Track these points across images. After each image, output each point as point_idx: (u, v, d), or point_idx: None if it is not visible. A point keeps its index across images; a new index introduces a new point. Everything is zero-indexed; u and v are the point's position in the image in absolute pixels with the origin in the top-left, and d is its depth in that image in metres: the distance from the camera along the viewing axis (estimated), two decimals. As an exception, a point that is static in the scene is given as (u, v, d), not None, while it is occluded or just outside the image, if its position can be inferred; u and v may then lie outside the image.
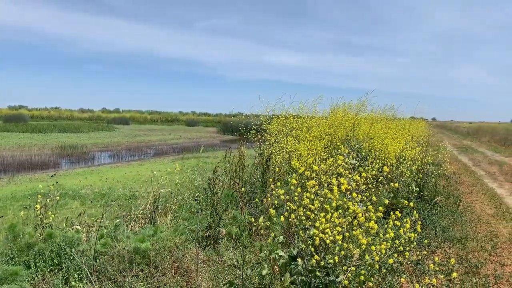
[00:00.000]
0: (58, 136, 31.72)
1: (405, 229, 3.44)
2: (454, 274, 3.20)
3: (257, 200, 4.60)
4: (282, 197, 3.48)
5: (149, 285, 3.94)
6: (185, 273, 4.21)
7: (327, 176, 4.65)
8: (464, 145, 28.94)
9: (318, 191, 3.50)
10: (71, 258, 4.08)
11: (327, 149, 7.91)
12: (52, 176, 11.21)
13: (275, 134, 8.73)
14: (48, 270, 4.03)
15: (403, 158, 8.08)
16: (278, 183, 4.46)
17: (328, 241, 3.15)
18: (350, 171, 6.51)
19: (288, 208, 3.48)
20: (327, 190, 3.39)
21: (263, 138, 8.57)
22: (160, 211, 5.52)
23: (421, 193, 8.15)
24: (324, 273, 3.45)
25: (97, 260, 4.16)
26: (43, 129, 36.68)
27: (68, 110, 75.53)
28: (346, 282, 3.20)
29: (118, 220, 4.89)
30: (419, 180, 8.15)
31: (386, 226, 3.48)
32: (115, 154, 24.09)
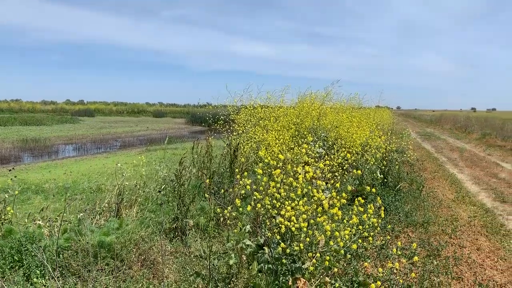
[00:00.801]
0: (19, 129, 30.56)
1: (368, 215, 3.52)
2: (415, 258, 3.32)
3: (222, 190, 4.60)
4: (248, 187, 3.49)
5: (115, 279, 3.88)
6: (152, 265, 4.17)
7: (293, 165, 4.69)
8: (427, 132, 29.85)
9: (284, 180, 3.53)
10: (33, 254, 3.96)
11: (294, 138, 7.97)
12: (10, 170, 10.80)
13: (243, 124, 8.72)
14: (8, 267, 3.90)
15: (368, 146, 8.25)
16: (245, 173, 4.47)
17: (293, 229, 3.19)
18: (317, 159, 6.62)
19: (255, 197, 3.49)
20: (292, 179, 3.42)
21: (231, 128, 8.54)
22: (125, 204, 5.43)
23: (386, 180, 8.36)
24: (291, 260, 3.49)
25: (60, 256, 4.05)
26: (2, 122, 35.22)
27: (30, 102, 72.66)
28: (312, 268, 3.26)
29: (81, 214, 4.78)
30: (383, 167, 8.34)
31: (351, 212, 3.56)
32: (80, 147, 23.47)
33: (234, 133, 8.21)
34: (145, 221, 5.03)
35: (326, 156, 7.30)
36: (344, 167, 6.81)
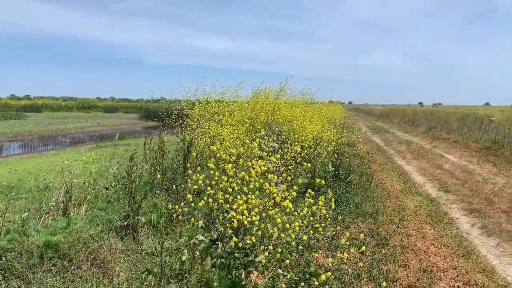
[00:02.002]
0: (-43, 126, 28.68)
1: (319, 207, 3.60)
2: (363, 248, 3.44)
3: (174, 186, 4.54)
4: (200, 181, 3.47)
5: (62, 280, 3.75)
6: (101, 264, 4.05)
7: (246, 159, 4.71)
8: (377, 126, 30.92)
9: (237, 174, 3.53)
10: (-29, 258, 3.74)
11: (249, 133, 8.00)
12: None
13: (197, 119, 8.64)
14: None
15: (320, 139, 8.43)
16: (198, 168, 4.43)
17: (245, 222, 3.21)
18: (271, 153, 6.68)
19: (209, 192, 3.47)
20: (244, 173, 3.44)
21: (185, 123, 8.44)
22: (74, 202, 5.24)
23: (337, 172, 8.59)
24: (244, 254, 3.51)
25: (3, 258, 3.85)
26: None
27: (-30, 98, 68.34)
28: (264, 261, 3.29)
29: (26, 214, 4.56)
30: (335, 160, 8.56)
31: (302, 204, 3.63)
32: (26, 144, 22.35)
33: (188, 128, 8.12)
34: (95, 219, 4.88)
35: (280, 150, 7.39)
36: (297, 161, 6.93)
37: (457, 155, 14.11)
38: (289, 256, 3.74)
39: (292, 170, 6.74)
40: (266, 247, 3.45)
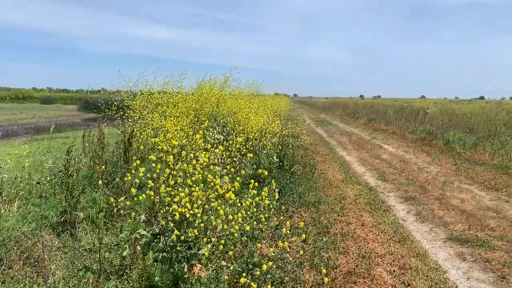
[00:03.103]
0: None
1: (262, 198, 3.63)
2: (303, 236, 3.51)
3: (117, 179, 4.39)
4: (141, 174, 3.37)
5: (-9, 282, 3.51)
6: (35, 263, 3.84)
7: (190, 151, 4.64)
8: (321, 118, 31.71)
9: (178, 167, 3.47)
10: None
11: (194, 125, 7.90)
12: None
13: (139, 111, 8.40)
14: None
15: (265, 131, 8.51)
16: (138, 161, 4.31)
17: (188, 215, 3.17)
18: (216, 145, 6.64)
19: (150, 186, 3.39)
20: (186, 165, 3.39)
21: (126, 115, 8.18)
22: (5, 198, 4.91)
23: (282, 163, 8.72)
24: (186, 247, 3.47)
25: None
26: None
27: None
28: (207, 253, 3.27)
29: None
30: (279, 151, 8.68)
31: (246, 196, 3.64)
32: (-49, 138, 20.66)
33: (129, 120, 7.88)
34: (28, 216, 4.61)
35: (225, 142, 7.38)
36: (242, 152, 6.95)
37: (395, 145, 14.80)
38: (232, 247, 3.74)
39: (237, 162, 6.76)
40: (209, 240, 3.43)
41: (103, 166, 6.12)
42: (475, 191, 8.02)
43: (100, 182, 4.03)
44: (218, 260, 3.76)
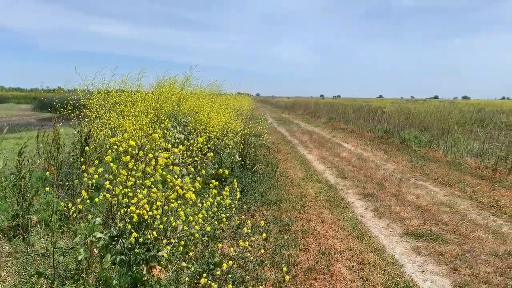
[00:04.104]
0: None
1: (223, 197, 3.61)
2: (264, 235, 3.52)
3: (70, 181, 4.24)
4: (96, 176, 3.27)
5: None
6: (-16, 271, 3.65)
7: (149, 151, 4.55)
8: (283, 117, 32.02)
9: (136, 167, 3.39)
10: None
11: (154, 124, 7.76)
12: None
13: (96, 110, 8.16)
14: None
15: (227, 130, 8.49)
16: (96, 162, 4.18)
17: (146, 217, 3.10)
18: (177, 145, 6.54)
19: (107, 187, 3.29)
20: (143, 165, 3.31)
21: (82, 114, 7.92)
22: (-51, 203, 4.64)
23: (244, 162, 8.72)
24: (145, 249, 3.40)
25: None
26: None
27: None
28: (166, 255, 3.22)
29: None
30: (241, 150, 8.68)
31: (207, 196, 3.61)
32: None
33: (86, 120, 7.64)
34: (-24, 221, 4.37)
35: (186, 141, 7.29)
36: (204, 152, 6.89)
37: (354, 143, 15.16)
38: (193, 248, 3.70)
39: (199, 161, 6.70)
40: (169, 241, 3.38)
41: (57, 167, 5.90)
42: (429, 187, 8.33)
43: (54, 183, 3.88)
44: (178, 261, 3.71)
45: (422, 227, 5.82)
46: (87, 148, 5.08)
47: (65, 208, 3.41)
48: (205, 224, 3.56)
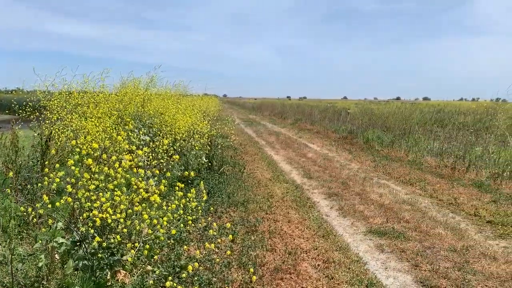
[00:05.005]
0: None
1: (189, 199, 3.60)
2: (230, 237, 3.53)
3: (39, 185, 4.10)
4: (58, 179, 3.18)
5: None
6: None
7: (113, 153, 4.46)
8: (250, 118, 32.11)
9: (99, 170, 3.32)
10: None
11: (118, 126, 7.61)
12: None
13: (57, 112, 7.91)
14: None
15: (194, 132, 8.44)
16: (57, 165, 4.06)
17: (109, 221, 3.05)
18: (142, 147, 6.45)
19: (71, 191, 3.20)
20: (106, 168, 3.25)
21: (42, 116, 7.67)
22: None
23: (211, 164, 8.70)
24: (109, 254, 3.34)
25: None
26: None
27: None
28: (130, 259, 3.17)
29: None
30: (208, 152, 8.65)
31: (173, 198, 3.58)
32: None
33: (47, 121, 7.40)
34: None
35: (152, 143, 7.19)
36: (170, 154, 6.82)
37: (319, 144, 15.39)
38: (158, 251, 3.66)
39: (165, 164, 6.62)
40: (133, 245, 3.33)
41: (16, 171, 5.69)
42: (392, 186, 8.58)
43: (13, 187, 3.75)
44: (144, 265, 3.66)
45: (385, 225, 5.99)
46: (51, 151, 4.92)
47: (25, 213, 3.29)
48: (171, 227, 3.53)
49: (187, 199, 3.57)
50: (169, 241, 3.97)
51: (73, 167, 3.25)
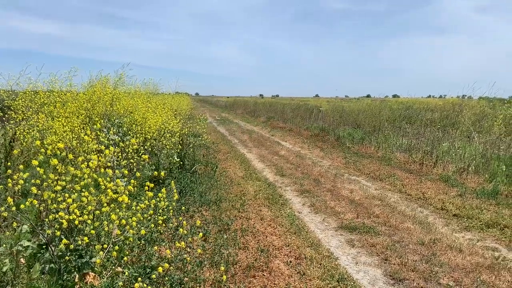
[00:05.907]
0: None
1: (160, 199, 3.56)
2: (200, 235, 3.51)
3: (1, 187, 3.95)
4: (22, 181, 3.09)
5: None
6: None
7: (81, 153, 4.36)
8: (223, 117, 31.98)
9: (64, 171, 3.24)
10: None
11: (86, 125, 7.44)
12: None
13: (22, 112, 7.68)
14: None
15: (164, 131, 8.34)
16: (22, 166, 3.94)
17: (77, 222, 2.98)
18: (111, 146, 6.32)
19: (35, 193, 3.11)
20: (72, 169, 3.18)
21: (6, 116, 7.42)
22: None
23: (183, 163, 8.62)
24: (77, 256, 3.26)
25: None
26: None
27: None
28: (99, 261, 3.11)
29: None
30: (180, 151, 8.57)
31: (143, 198, 3.53)
32: None
33: (11, 122, 7.17)
34: None
35: (121, 143, 7.06)
36: (141, 153, 6.72)
37: (292, 142, 15.50)
38: (128, 252, 3.60)
39: (135, 163, 6.52)
40: (102, 246, 3.26)
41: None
42: (362, 182, 8.73)
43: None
44: (113, 267, 3.59)
45: (355, 221, 6.09)
46: (15, 152, 4.77)
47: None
48: (140, 228, 3.48)
49: (157, 199, 3.53)
50: (139, 242, 3.92)
51: (38, 168, 3.16)
